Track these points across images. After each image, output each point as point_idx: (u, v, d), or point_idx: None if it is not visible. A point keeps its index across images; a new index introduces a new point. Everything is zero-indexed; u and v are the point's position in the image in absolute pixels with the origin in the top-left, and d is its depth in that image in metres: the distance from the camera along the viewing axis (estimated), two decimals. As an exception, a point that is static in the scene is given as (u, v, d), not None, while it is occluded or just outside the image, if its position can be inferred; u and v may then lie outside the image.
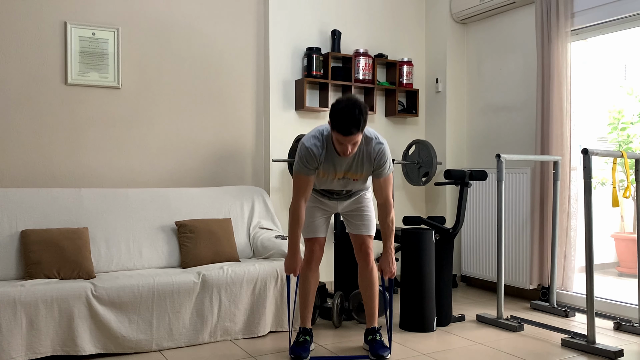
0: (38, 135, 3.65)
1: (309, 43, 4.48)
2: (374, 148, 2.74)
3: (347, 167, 2.78)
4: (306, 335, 2.97)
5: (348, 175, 2.82)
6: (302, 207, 2.78)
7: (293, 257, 2.82)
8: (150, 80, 3.99)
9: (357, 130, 2.57)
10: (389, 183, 2.82)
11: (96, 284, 2.88)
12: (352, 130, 2.56)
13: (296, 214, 2.77)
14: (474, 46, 4.83)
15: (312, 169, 2.74)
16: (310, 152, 2.71)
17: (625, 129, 5.40)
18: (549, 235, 4.01)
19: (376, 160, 2.75)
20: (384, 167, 2.77)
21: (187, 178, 4.12)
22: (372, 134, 2.78)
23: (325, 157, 2.74)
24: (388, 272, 2.86)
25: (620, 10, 3.66)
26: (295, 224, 2.78)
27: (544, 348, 3.07)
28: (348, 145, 2.61)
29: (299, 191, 2.77)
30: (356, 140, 2.61)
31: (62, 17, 3.71)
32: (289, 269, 2.83)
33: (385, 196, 2.82)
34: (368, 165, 2.77)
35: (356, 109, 2.55)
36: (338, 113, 2.56)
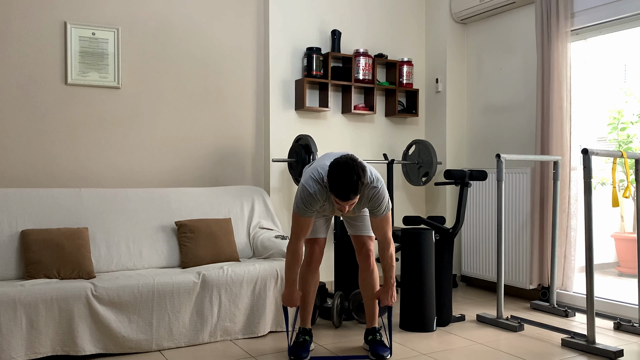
0: (38, 135, 3.65)
1: (309, 43, 4.48)
2: (368, 192, 2.72)
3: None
4: (306, 335, 2.97)
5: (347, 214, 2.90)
6: (302, 248, 2.80)
7: (290, 293, 2.84)
8: (150, 80, 3.99)
9: (354, 195, 2.56)
10: (387, 222, 2.80)
11: (96, 284, 2.88)
12: (350, 196, 2.55)
13: (295, 255, 2.79)
14: (474, 46, 4.83)
15: (313, 211, 2.74)
16: (313, 197, 2.69)
17: (625, 129, 5.41)
18: (549, 235, 4.01)
19: (371, 203, 2.74)
20: (379, 208, 2.75)
21: (187, 178, 4.12)
22: (368, 177, 2.72)
23: (326, 201, 2.77)
24: (385, 303, 2.90)
25: (620, 10, 3.66)
26: (294, 263, 2.80)
27: (544, 348, 3.07)
28: (345, 206, 2.61)
29: (299, 232, 2.76)
30: (353, 202, 2.61)
31: (62, 17, 3.71)
32: (286, 302, 2.86)
33: (384, 234, 2.82)
34: (365, 204, 2.79)
35: (354, 175, 2.52)
36: (336, 179, 2.53)
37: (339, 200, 2.58)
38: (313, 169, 2.75)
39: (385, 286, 2.88)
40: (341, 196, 2.55)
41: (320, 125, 4.52)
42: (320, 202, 2.72)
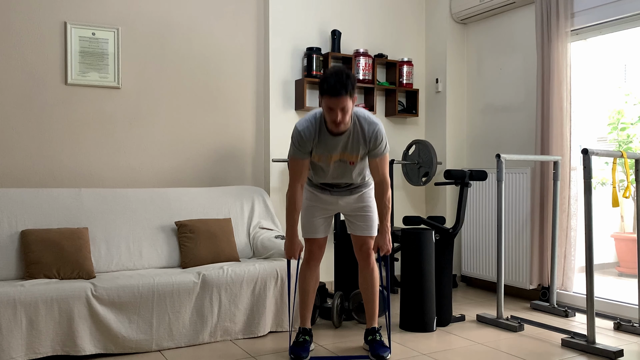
0: (38, 135, 3.65)
1: (309, 43, 4.48)
2: (368, 128, 2.74)
3: (342, 148, 2.76)
4: (306, 335, 2.97)
5: (344, 157, 2.80)
6: (299, 192, 2.80)
7: (291, 242, 2.86)
8: (150, 80, 3.99)
9: (345, 92, 2.57)
10: (385, 162, 2.82)
11: (96, 284, 2.88)
12: (341, 92, 2.56)
13: (292, 199, 2.80)
14: (474, 46, 4.83)
15: (306, 152, 2.76)
16: (302, 134, 2.72)
17: (625, 129, 5.41)
18: (549, 235, 4.01)
19: (371, 141, 2.74)
20: (379, 147, 2.76)
21: (187, 178, 4.12)
22: (365, 114, 2.77)
23: (318, 139, 2.75)
24: (384, 249, 2.88)
25: (620, 10, 3.66)
26: (292, 208, 2.81)
27: (544, 348, 3.07)
28: (337, 111, 2.60)
29: (294, 176, 2.80)
30: (345, 106, 2.60)
31: (62, 17, 3.71)
32: (288, 253, 2.87)
33: (382, 175, 2.82)
34: (363, 145, 2.76)
35: (344, 74, 2.59)
36: (326, 78, 2.60)
37: (330, 101, 2.58)
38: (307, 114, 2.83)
39: (382, 231, 2.87)
40: (332, 91, 2.56)
41: (320, 125, 4.52)
42: (310, 139, 2.72)
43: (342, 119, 2.63)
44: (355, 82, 2.64)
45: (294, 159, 2.78)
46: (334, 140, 2.74)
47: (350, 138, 2.75)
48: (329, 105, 2.61)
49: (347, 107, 2.62)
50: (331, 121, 2.65)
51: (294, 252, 2.86)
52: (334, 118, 2.62)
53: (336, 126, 2.66)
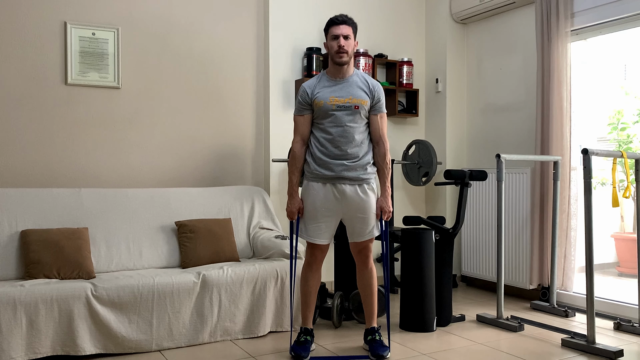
0: (38, 135, 3.65)
1: (309, 43, 4.48)
2: (370, 80, 2.95)
3: (346, 91, 2.89)
4: (307, 335, 2.97)
5: (349, 101, 2.87)
6: (301, 146, 2.96)
7: (292, 198, 2.95)
8: (150, 80, 3.99)
9: (347, 22, 2.87)
10: (384, 121, 2.98)
11: (96, 284, 2.88)
12: (345, 19, 2.86)
13: (295, 155, 2.95)
14: (474, 46, 4.83)
15: (307, 104, 2.92)
16: (303, 88, 2.94)
17: (625, 129, 5.41)
18: (549, 235, 4.01)
19: (374, 91, 2.92)
20: (381, 99, 2.94)
21: (187, 178, 4.12)
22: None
23: (319, 84, 2.93)
24: (386, 212, 2.93)
25: (620, 10, 3.66)
26: (293, 165, 2.96)
27: (544, 348, 3.07)
28: (341, 38, 2.84)
29: (297, 131, 2.97)
30: (348, 34, 2.85)
31: (62, 17, 3.71)
32: (289, 214, 2.95)
33: (381, 134, 2.96)
34: (367, 92, 2.91)
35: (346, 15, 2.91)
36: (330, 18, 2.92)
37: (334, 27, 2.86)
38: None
39: (384, 193, 2.93)
40: (336, 20, 2.86)
41: (320, 125, 4.52)
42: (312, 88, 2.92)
43: (346, 46, 2.84)
44: (356, 23, 2.95)
45: (296, 117, 2.98)
46: (337, 82, 2.92)
47: (354, 82, 2.93)
48: (333, 33, 2.86)
49: (350, 36, 2.87)
50: (335, 50, 2.86)
51: (293, 211, 2.94)
52: (338, 43, 2.84)
53: (340, 55, 2.86)
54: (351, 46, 2.87)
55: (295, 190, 2.95)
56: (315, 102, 2.88)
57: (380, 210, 2.93)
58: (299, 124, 2.96)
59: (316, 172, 2.90)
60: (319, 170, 2.89)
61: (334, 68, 2.92)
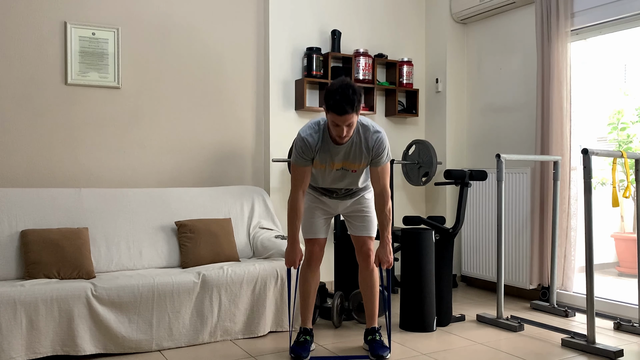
0: (38, 135, 3.65)
1: (309, 43, 4.48)
2: (371, 137, 2.73)
3: (345, 157, 2.76)
4: (307, 335, 2.97)
5: (346, 166, 2.80)
6: (300, 199, 2.79)
7: (292, 249, 2.84)
8: (150, 80, 3.99)
9: (351, 110, 2.56)
10: (386, 172, 2.81)
11: (96, 284, 2.88)
12: (347, 109, 2.55)
13: (295, 206, 2.79)
14: (474, 46, 4.83)
15: (308, 159, 2.75)
16: (305, 141, 2.72)
17: (625, 129, 5.41)
18: (549, 235, 4.01)
19: (374, 149, 2.74)
20: (381, 155, 2.75)
21: (187, 178, 4.12)
22: (368, 122, 2.77)
23: (321, 147, 2.74)
24: (385, 262, 2.85)
25: (620, 10, 3.66)
26: (293, 215, 2.80)
27: (544, 348, 3.07)
28: (343, 127, 2.61)
29: (297, 182, 2.78)
30: (351, 122, 2.60)
31: (62, 17, 3.71)
32: (289, 261, 2.85)
33: (383, 185, 2.81)
34: (366, 154, 2.76)
35: (350, 89, 2.56)
36: (332, 93, 2.57)
37: (336, 117, 2.57)
38: (310, 121, 2.81)
39: (383, 243, 2.84)
40: (338, 109, 2.54)
41: (320, 125, 4.52)
42: (313, 147, 2.72)
43: (348, 133, 2.64)
44: (361, 96, 2.62)
45: (296, 166, 2.78)
46: (337, 148, 2.75)
47: (353, 147, 2.75)
48: (335, 122, 2.61)
49: (353, 122, 2.63)
50: (336, 135, 2.65)
51: (294, 260, 2.84)
52: (339, 133, 2.63)
53: (341, 140, 2.68)
54: (354, 127, 2.66)
55: (296, 239, 2.83)
56: (315, 161, 2.80)
57: (378, 261, 2.88)
58: (299, 176, 2.77)
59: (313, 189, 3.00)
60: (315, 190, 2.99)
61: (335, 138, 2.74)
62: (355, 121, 2.64)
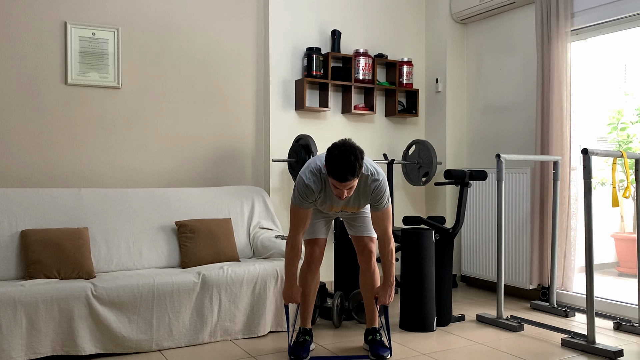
0: (38, 135, 3.65)
1: (309, 43, 4.48)
2: (370, 185, 2.73)
3: (345, 202, 2.81)
4: (306, 336, 2.97)
5: (346, 209, 2.87)
6: (300, 241, 2.81)
7: (291, 288, 2.84)
8: (150, 80, 3.99)
9: (352, 177, 2.54)
10: (387, 216, 2.80)
11: (96, 284, 2.88)
12: (348, 177, 2.53)
13: (295, 248, 2.79)
14: (474, 46, 4.83)
15: (310, 202, 2.75)
16: (308, 188, 2.70)
17: (625, 129, 5.41)
18: (549, 235, 4.01)
19: (372, 195, 2.75)
20: (380, 201, 2.75)
21: (187, 178, 4.12)
22: (368, 169, 2.74)
23: (323, 193, 2.77)
24: (382, 302, 2.89)
25: (620, 10, 3.66)
26: (293, 257, 2.81)
27: (544, 348, 3.07)
28: (344, 190, 2.60)
29: (297, 224, 2.78)
30: (352, 186, 2.60)
31: (62, 17, 3.71)
32: (288, 299, 2.86)
33: (384, 229, 2.81)
34: (365, 199, 2.79)
35: (352, 156, 2.52)
36: (333, 159, 2.53)
37: (337, 182, 2.56)
38: (312, 161, 2.78)
39: (385, 284, 2.87)
40: (339, 177, 2.53)
41: (320, 125, 4.52)
42: (316, 193, 2.71)
43: (348, 193, 2.63)
44: (362, 160, 2.57)
45: (297, 208, 2.76)
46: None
47: (352, 195, 2.77)
48: (336, 185, 2.60)
49: (353, 185, 2.62)
50: (336, 195, 2.64)
51: (295, 298, 2.85)
52: (339, 194, 2.62)
53: (341, 199, 2.65)
54: (354, 189, 2.66)
55: (294, 279, 2.83)
56: (317, 203, 2.83)
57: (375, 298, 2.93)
58: (299, 218, 2.76)
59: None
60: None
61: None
62: (356, 182, 2.62)
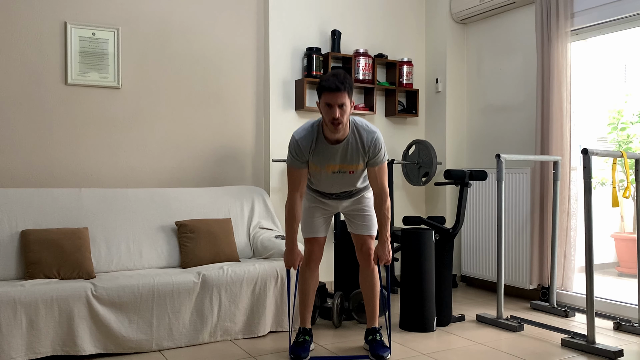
0: (38, 135, 3.65)
1: (309, 43, 4.48)
2: (366, 137, 2.74)
3: (342, 158, 2.76)
4: (306, 335, 2.97)
5: (343, 168, 2.80)
6: (297, 202, 2.80)
7: (291, 251, 2.84)
8: (150, 80, 3.99)
9: (343, 88, 2.60)
10: (384, 171, 2.81)
11: (96, 284, 2.88)
12: (339, 87, 2.58)
13: (292, 210, 2.80)
14: (474, 46, 4.83)
15: (303, 161, 2.76)
16: (299, 144, 2.73)
17: (625, 129, 5.41)
18: (549, 235, 4.01)
19: (370, 149, 2.74)
20: (378, 155, 2.76)
21: (187, 178, 4.12)
22: (363, 122, 2.78)
23: (315, 148, 2.74)
24: (384, 260, 2.86)
25: (620, 10, 3.66)
26: (291, 219, 2.81)
27: (544, 348, 3.07)
28: (336, 107, 2.60)
29: (293, 185, 2.80)
30: (343, 102, 2.61)
31: (62, 17, 3.71)
32: (288, 263, 2.86)
33: (381, 184, 2.81)
34: (362, 154, 2.76)
35: (341, 74, 2.64)
36: (324, 77, 2.65)
37: (329, 96, 2.60)
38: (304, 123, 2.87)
39: (381, 241, 2.84)
40: (329, 86, 2.59)
41: (320, 125, 4.52)
42: (306, 149, 2.73)
43: (341, 116, 2.61)
44: (352, 83, 2.65)
45: (291, 169, 2.79)
46: (332, 149, 2.74)
47: (349, 147, 2.74)
48: (328, 102, 2.62)
49: (346, 104, 2.63)
50: (330, 120, 2.63)
51: (293, 262, 2.85)
52: (332, 115, 2.61)
53: (335, 126, 2.63)
54: (347, 113, 2.64)
55: (294, 242, 2.84)
56: (311, 164, 2.79)
57: (377, 258, 2.89)
58: (294, 178, 2.78)
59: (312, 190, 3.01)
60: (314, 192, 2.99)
61: (329, 131, 2.69)
62: (348, 107, 2.65)
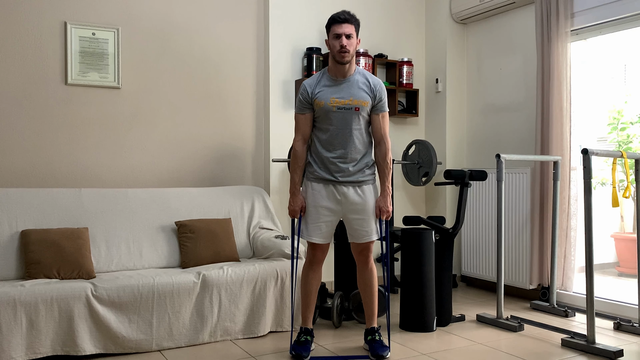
0: (38, 135, 3.65)
1: (308, 43, 4.48)
2: (372, 78, 2.92)
3: (347, 93, 2.87)
4: (307, 335, 2.97)
5: (350, 102, 2.86)
6: (302, 147, 2.94)
7: (294, 199, 2.93)
8: (150, 80, 3.99)
9: (350, 19, 2.81)
10: (386, 121, 2.97)
11: (96, 284, 2.88)
12: (347, 18, 2.81)
13: (296, 154, 2.93)
14: (474, 46, 4.83)
15: (308, 104, 2.90)
16: (305, 83, 2.92)
17: (625, 129, 5.41)
18: (549, 235, 4.01)
19: (376, 90, 2.90)
20: (383, 100, 2.92)
21: (187, 178, 4.12)
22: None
23: (320, 83, 2.91)
24: (385, 212, 2.92)
25: (620, 10, 3.66)
26: (295, 164, 2.94)
27: (544, 348, 3.07)
28: (343, 37, 2.79)
29: (297, 130, 2.95)
30: (350, 33, 2.80)
31: (62, 17, 3.71)
32: (291, 212, 2.95)
33: (384, 132, 2.95)
34: (369, 92, 2.89)
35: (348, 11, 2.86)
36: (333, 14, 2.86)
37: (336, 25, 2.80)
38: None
39: (383, 193, 2.92)
40: (338, 18, 2.80)
41: (320, 125, 4.52)
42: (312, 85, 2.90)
43: (348, 44, 2.80)
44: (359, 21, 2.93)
45: (296, 115, 2.95)
46: (337, 82, 2.89)
47: (355, 82, 2.90)
48: (336, 32, 2.81)
49: (353, 36, 2.83)
50: (337, 50, 2.81)
51: (295, 210, 2.92)
52: (340, 43, 2.79)
53: (342, 55, 2.81)
54: (353, 45, 2.83)
55: (297, 189, 2.94)
56: (316, 101, 2.87)
57: (379, 210, 2.92)
58: (300, 123, 2.94)
59: (317, 174, 2.91)
60: (319, 172, 2.91)
61: (335, 67, 2.87)
62: (355, 39, 2.84)
